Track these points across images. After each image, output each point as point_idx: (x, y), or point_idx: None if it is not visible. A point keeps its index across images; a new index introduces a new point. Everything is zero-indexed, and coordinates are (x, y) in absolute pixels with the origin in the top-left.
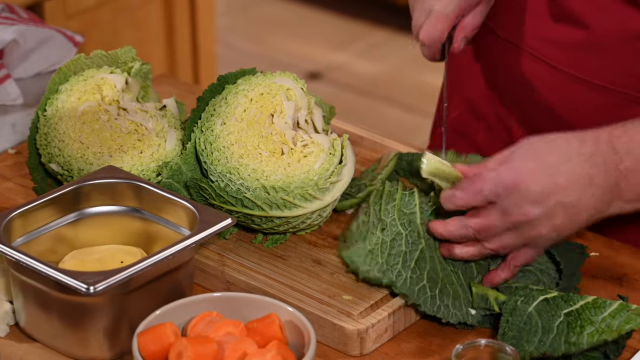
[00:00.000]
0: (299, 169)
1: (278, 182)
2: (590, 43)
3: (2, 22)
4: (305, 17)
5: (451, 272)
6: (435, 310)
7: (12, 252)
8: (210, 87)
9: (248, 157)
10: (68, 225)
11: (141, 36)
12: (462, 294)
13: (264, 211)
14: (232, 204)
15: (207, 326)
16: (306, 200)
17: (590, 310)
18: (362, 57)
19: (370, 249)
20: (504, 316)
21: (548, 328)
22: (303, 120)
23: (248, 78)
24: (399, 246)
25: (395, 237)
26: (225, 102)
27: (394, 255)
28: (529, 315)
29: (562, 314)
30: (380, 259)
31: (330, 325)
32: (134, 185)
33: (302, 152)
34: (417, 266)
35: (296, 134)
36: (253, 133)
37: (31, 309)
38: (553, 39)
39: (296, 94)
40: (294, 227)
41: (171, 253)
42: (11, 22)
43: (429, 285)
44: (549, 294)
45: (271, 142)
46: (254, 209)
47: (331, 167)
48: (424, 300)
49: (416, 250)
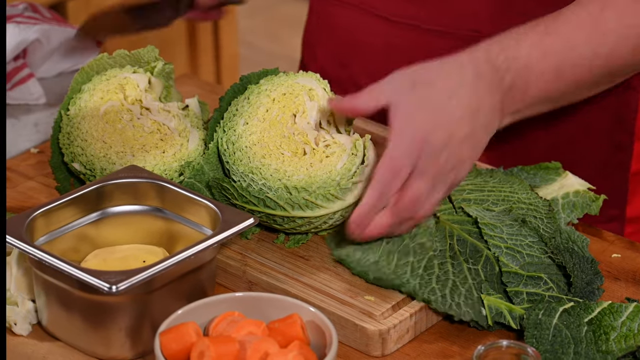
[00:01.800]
0: (321, 169)
1: (300, 182)
2: None
3: (26, 22)
4: None
5: (467, 274)
6: (447, 308)
7: (34, 251)
8: (232, 87)
9: (270, 157)
10: (91, 224)
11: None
12: (477, 293)
13: (285, 211)
14: (254, 204)
15: (229, 326)
16: (328, 201)
17: (609, 316)
18: None
19: (376, 260)
20: (528, 331)
21: (578, 338)
22: (325, 120)
23: (271, 78)
24: (406, 257)
25: (402, 248)
26: (247, 102)
27: (402, 265)
28: (556, 328)
29: (584, 322)
30: (387, 269)
31: (351, 325)
32: (157, 184)
33: (324, 152)
34: (426, 272)
35: (318, 134)
36: (275, 133)
37: (53, 308)
38: None
39: (318, 94)
40: (316, 227)
41: (193, 253)
42: (34, 21)
43: (438, 287)
44: (565, 303)
45: (293, 142)
46: (276, 209)
47: (353, 167)
48: (435, 299)
49: (424, 259)
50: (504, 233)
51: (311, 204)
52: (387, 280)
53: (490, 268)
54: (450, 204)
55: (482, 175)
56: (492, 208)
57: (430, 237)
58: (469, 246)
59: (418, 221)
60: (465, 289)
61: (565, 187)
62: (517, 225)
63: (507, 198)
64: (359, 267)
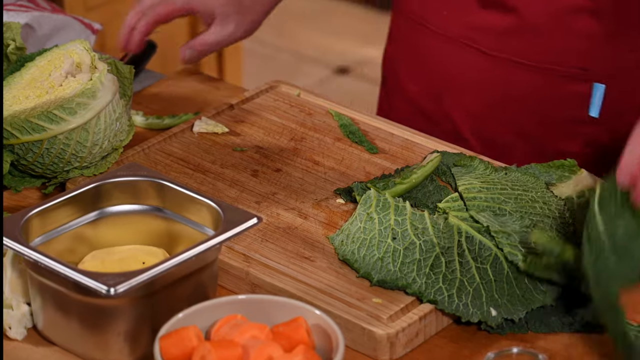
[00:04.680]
0: (51, 97)
1: (28, 109)
2: (519, 26)
3: (16, 9)
4: (333, 9)
5: (475, 272)
6: (454, 309)
7: (30, 252)
8: (10, 68)
9: (17, 104)
10: (88, 224)
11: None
12: (485, 293)
13: (18, 139)
14: (6, 137)
15: (232, 330)
16: (52, 122)
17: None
18: None
19: (381, 256)
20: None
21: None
22: (86, 74)
23: (44, 50)
24: (412, 255)
25: (409, 245)
26: (19, 74)
27: (408, 263)
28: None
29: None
30: (392, 267)
31: (359, 329)
32: (156, 183)
33: (61, 87)
34: (432, 272)
35: (65, 79)
36: (29, 87)
37: (49, 312)
38: (482, 26)
39: (77, 52)
40: (62, 159)
41: (195, 254)
42: (25, 9)
43: (445, 287)
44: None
45: (39, 88)
46: (10, 138)
47: (85, 93)
48: (442, 300)
49: (430, 257)
50: (517, 241)
51: (37, 126)
52: (391, 281)
53: (499, 267)
54: (460, 201)
55: (496, 172)
56: (503, 207)
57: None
58: (477, 244)
59: None
60: (473, 289)
61: (581, 185)
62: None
63: (520, 197)
64: (364, 267)
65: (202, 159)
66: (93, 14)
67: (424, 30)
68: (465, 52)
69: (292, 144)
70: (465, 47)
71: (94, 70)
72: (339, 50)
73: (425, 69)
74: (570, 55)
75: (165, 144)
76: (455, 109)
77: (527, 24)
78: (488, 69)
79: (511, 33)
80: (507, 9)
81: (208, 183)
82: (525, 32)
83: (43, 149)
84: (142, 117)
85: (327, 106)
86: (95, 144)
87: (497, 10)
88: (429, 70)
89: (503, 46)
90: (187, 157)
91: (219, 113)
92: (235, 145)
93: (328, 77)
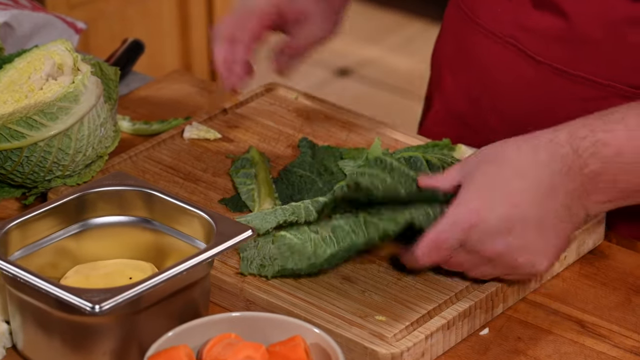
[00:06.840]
0: (30, 101)
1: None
2: (570, 33)
3: None
4: None
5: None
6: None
7: (8, 267)
8: None
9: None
10: (71, 237)
11: (153, 29)
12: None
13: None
14: None
15: (225, 349)
16: (32, 128)
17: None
18: (396, 52)
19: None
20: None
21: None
22: (68, 76)
23: (24, 51)
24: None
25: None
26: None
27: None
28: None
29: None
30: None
31: (361, 348)
32: (144, 193)
33: (42, 90)
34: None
35: (46, 82)
36: (7, 91)
37: (30, 330)
38: (533, 28)
39: (58, 53)
40: (43, 168)
41: (185, 268)
42: (4, 6)
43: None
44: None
45: (18, 92)
46: None
47: (66, 97)
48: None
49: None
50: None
51: (15, 132)
52: (311, 266)
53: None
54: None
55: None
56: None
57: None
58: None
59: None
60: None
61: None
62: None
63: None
64: (280, 263)
65: (193, 167)
66: (76, 12)
67: (473, 25)
68: (510, 53)
69: (289, 151)
70: (511, 48)
71: (76, 72)
72: (340, 50)
73: (467, 66)
74: (620, 70)
75: (154, 151)
76: (493, 112)
77: (579, 31)
78: (531, 74)
79: (561, 39)
80: (559, 12)
81: (199, 193)
82: (577, 41)
83: (22, 157)
84: (128, 123)
85: (329, 111)
86: (78, 152)
87: (550, 11)
88: (471, 68)
89: (550, 52)
90: (177, 165)
91: (211, 118)
92: (229, 152)
93: (328, 79)
